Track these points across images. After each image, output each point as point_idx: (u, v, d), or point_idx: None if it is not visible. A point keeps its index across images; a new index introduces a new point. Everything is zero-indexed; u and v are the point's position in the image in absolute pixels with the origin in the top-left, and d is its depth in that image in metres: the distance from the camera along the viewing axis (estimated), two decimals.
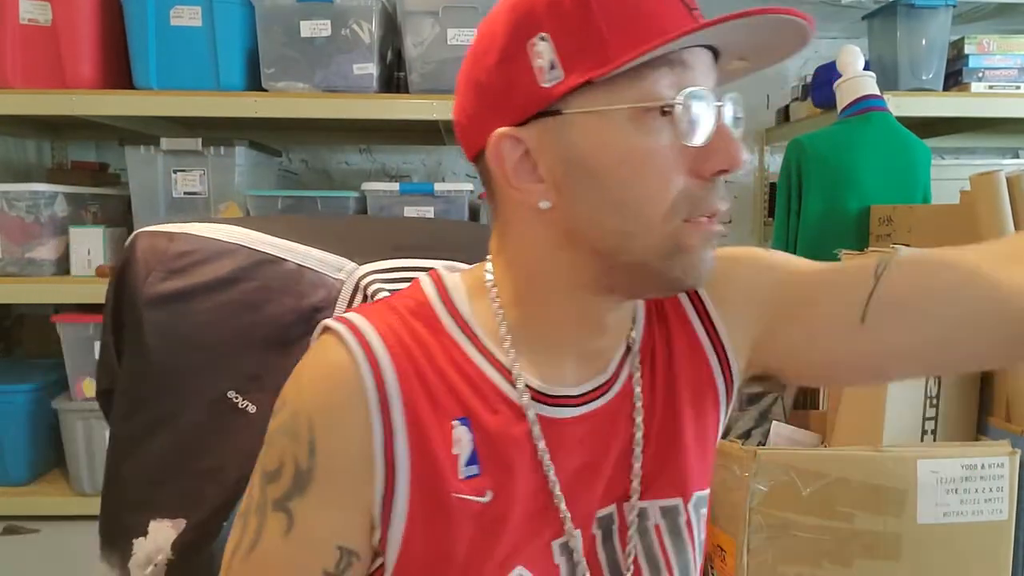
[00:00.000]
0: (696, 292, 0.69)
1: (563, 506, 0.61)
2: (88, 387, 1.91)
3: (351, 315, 0.62)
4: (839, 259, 1.51)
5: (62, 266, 1.94)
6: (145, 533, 0.73)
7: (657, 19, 0.54)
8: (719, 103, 0.56)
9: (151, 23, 1.84)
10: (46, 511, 1.93)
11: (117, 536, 0.76)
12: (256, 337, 0.67)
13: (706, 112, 0.55)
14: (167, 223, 0.82)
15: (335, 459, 0.58)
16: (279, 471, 0.59)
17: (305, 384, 0.60)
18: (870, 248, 1.39)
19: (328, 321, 0.62)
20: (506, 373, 0.62)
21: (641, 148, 0.54)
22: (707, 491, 0.70)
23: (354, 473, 0.58)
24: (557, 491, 0.61)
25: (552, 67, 0.55)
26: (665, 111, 0.54)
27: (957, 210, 1.46)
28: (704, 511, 0.69)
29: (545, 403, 0.62)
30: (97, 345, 1.88)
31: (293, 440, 0.58)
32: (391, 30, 1.99)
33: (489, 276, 0.65)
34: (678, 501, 0.67)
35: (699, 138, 0.55)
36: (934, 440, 1.31)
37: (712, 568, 1.19)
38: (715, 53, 0.59)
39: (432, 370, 0.60)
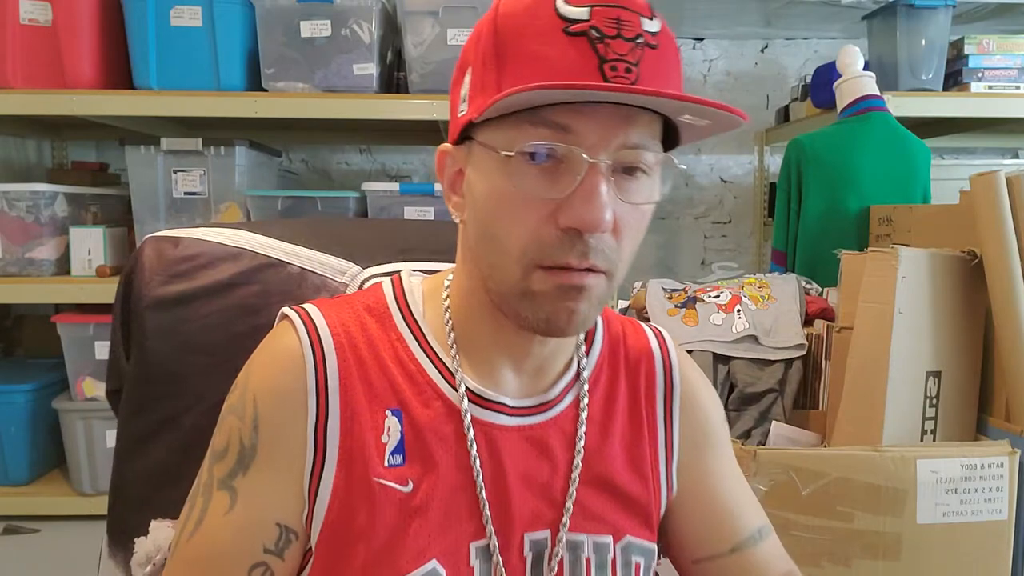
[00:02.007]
0: (671, 378, 0.72)
1: (487, 510, 0.63)
2: (88, 387, 1.91)
3: (307, 305, 0.66)
4: (838, 259, 1.51)
5: (62, 266, 1.94)
6: (146, 532, 0.73)
7: (551, 72, 0.54)
8: (592, 160, 0.55)
9: (151, 23, 1.84)
10: (46, 511, 1.93)
11: (121, 534, 0.77)
12: (257, 341, 0.66)
13: (547, 171, 0.56)
14: (177, 228, 0.83)
15: (276, 436, 0.61)
16: (226, 449, 0.62)
17: (255, 366, 0.64)
18: (870, 248, 1.39)
19: (286, 309, 0.66)
20: (447, 374, 0.64)
21: (501, 189, 0.57)
22: (647, 543, 0.69)
23: (291, 451, 0.61)
24: (483, 494, 0.62)
25: (464, 100, 0.60)
26: (532, 157, 0.56)
27: (957, 210, 1.46)
28: (640, 561, 0.68)
29: (480, 405, 0.64)
30: (97, 345, 1.89)
31: (240, 418, 0.62)
32: (391, 30, 1.99)
33: (448, 280, 0.68)
34: (608, 539, 0.67)
35: (532, 188, 0.56)
36: (934, 440, 1.31)
37: None
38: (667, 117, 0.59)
39: (374, 362, 0.64)
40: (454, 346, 0.65)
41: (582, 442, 0.66)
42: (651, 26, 0.57)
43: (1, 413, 1.92)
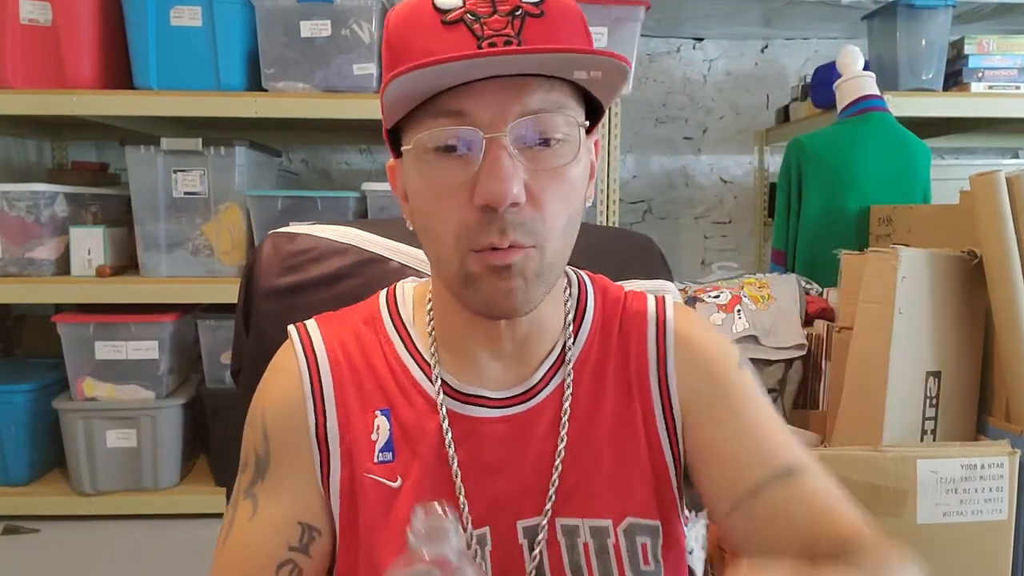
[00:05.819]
0: (664, 336, 0.69)
1: (462, 497, 0.64)
2: (88, 387, 1.91)
3: (308, 321, 0.71)
4: (838, 259, 1.51)
5: (62, 266, 1.94)
6: None
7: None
8: (489, 136, 0.55)
9: (151, 23, 1.84)
10: (46, 511, 1.93)
11: None
12: None
13: (457, 157, 0.57)
14: (298, 225, 0.92)
15: (283, 443, 0.66)
16: (246, 462, 0.68)
17: (262, 384, 0.70)
18: (870, 248, 1.39)
19: (290, 327, 0.71)
20: (428, 371, 0.67)
21: (423, 184, 0.59)
22: (652, 522, 0.67)
23: (299, 455, 0.66)
24: (458, 482, 0.64)
25: (384, 110, 0.60)
26: (446, 149, 0.57)
27: (957, 210, 1.46)
28: (647, 541, 0.66)
29: (459, 400, 0.66)
30: (97, 345, 1.89)
31: (252, 432, 0.68)
32: None
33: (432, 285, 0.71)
34: (606, 522, 0.66)
35: (446, 178, 0.57)
36: (934, 440, 1.31)
37: (713, 569, 1.19)
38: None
39: (366, 368, 0.68)
40: (434, 344, 0.68)
41: (565, 429, 0.66)
42: None
43: (1, 413, 1.92)
